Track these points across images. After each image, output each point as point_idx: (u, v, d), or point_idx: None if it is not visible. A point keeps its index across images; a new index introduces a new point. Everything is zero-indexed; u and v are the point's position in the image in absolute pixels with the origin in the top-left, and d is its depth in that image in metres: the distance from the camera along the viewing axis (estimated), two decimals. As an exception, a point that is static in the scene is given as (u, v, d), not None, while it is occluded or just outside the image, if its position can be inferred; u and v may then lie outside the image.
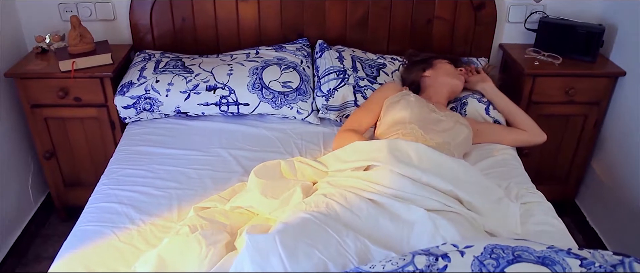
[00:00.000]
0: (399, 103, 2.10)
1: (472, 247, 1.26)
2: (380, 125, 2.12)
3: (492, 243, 1.27)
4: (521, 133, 2.27)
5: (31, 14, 2.68)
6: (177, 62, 2.50)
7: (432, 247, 1.32)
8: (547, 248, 1.26)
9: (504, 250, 1.24)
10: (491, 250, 1.24)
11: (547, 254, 1.23)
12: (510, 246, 1.26)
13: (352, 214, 1.57)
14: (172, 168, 2.09)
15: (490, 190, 1.79)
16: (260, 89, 2.36)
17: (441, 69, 2.36)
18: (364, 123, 2.16)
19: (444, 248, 1.29)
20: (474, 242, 1.29)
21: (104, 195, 1.94)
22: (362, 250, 1.44)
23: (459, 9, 2.69)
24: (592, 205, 2.81)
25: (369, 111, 2.18)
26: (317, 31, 2.74)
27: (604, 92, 2.56)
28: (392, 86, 2.28)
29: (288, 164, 1.89)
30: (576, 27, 2.55)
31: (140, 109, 2.37)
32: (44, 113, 2.49)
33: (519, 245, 1.27)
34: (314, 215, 1.52)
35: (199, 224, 1.63)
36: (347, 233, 1.47)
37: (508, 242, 1.29)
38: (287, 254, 1.36)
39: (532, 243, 1.30)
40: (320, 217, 1.52)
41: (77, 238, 1.73)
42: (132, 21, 2.67)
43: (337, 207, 1.58)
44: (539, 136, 2.26)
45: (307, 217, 1.51)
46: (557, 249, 1.26)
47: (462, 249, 1.26)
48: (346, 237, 1.46)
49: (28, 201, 2.75)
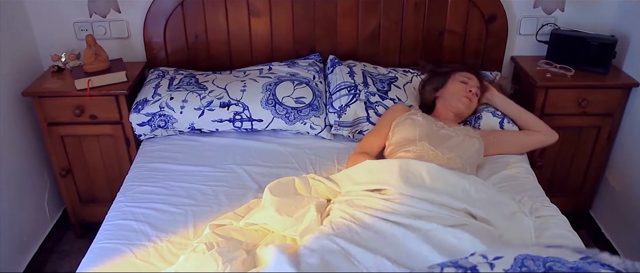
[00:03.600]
0: (406, 122, 2.14)
1: (502, 258, 1.23)
2: (389, 145, 2.15)
3: (522, 254, 1.22)
4: (536, 134, 2.29)
5: (47, 33, 2.72)
6: (190, 79, 2.53)
7: (461, 259, 1.30)
8: (580, 258, 1.23)
9: (535, 261, 1.21)
10: (521, 261, 1.20)
11: (580, 265, 1.20)
12: (541, 256, 1.22)
13: (374, 234, 1.59)
14: (187, 184, 2.10)
15: (503, 205, 1.79)
16: (273, 105, 2.37)
17: (449, 90, 2.36)
18: (375, 145, 2.21)
19: (473, 260, 1.26)
20: (504, 252, 1.25)
21: (120, 212, 1.96)
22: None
23: (470, 21, 2.70)
24: (607, 217, 2.79)
25: (378, 134, 2.24)
26: (329, 46, 2.76)
27: (617, 103, 2.56)
28: (399, 107, 2.33)
29: (302, 181, 1.90)
30: (588, 38, 2.55)
31: (155, 126, 2.40)
32: (60, 131, 2.52)
33: (550, 256, 1.23)
34: (336, 241, 1.55)
35: (215, 241, 1.64)
36: (374, 259, 1.49)
37: (539, 251, 1.25)
38: None
39: (564, 252, 1.25)
40: (342, 243, 1.55)
41: (94, 256, 1.75)
42: (146, 39, 2.70)
43: (358, 228, 1.61)
44: (552, 136, 2.28)
45: (332, 247, 1.54)
46: (590, 260, 1.22)
47: (491, 261, 1.23)
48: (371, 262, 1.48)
49: (44, 217, 2.78)
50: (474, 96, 2.33)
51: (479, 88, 2.37)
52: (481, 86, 2.39)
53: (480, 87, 2.39)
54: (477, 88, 2.35)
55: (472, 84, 2.35)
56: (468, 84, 2.34)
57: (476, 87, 2.35)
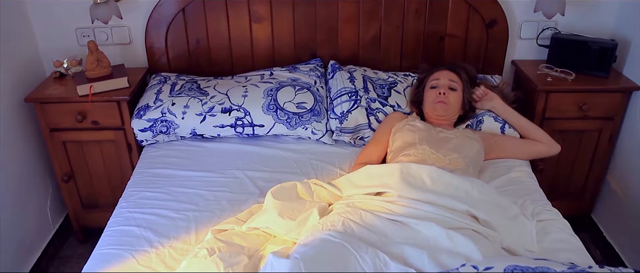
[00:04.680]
0: (405, 128, 2.16)
1: (492, 268, 1.26)
2: (390, 152, 2.15)
3: (512, 264, 1.26)
4: (538, 145, 2.29)
5: (49, 39, 2.73)
6: (192, 84, 2.54)
7: (453, 270, 1.33)
8: (568, 268, 1.26)
9: (524, 271, 1.24)
10: (511, 272, 1.24)
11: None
12: (531, 267, 1.25)
13: (369, 232, 1.59)
14: (189, 190, 2.11)
15: (505, 208, 1.80)
16: (275, 111, 2.38)
17: (425, 99, 2.33)
18: (374, 155, 2.21)
19: (464, 270, 1.29)
20: (494, 263, 1.29)
21: (122, 218, 1.96)
22: (380, 267, 1.45)
23: (471, 26, 2.71)
24: (608, 220, 2.79)
25: (377, 143, 2.24)
26: (330, 51, 2.76)
27: (617, 107, 2.56)
28: (396, 115, 2.35)
29: (304, 186, 1.91)
30: (588, 42, 2.56)
31: (157, 131, 2.40)
32: (62, 137, 2.53)
33: (539, 266, 1.26)
34: (331, 234, 1.55)
35: (217, 246, 1.64)
36: (366, 250, 1.49)
37: (528, 262, 1.28)
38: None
39: (552, 263, 1.29)
40: (338, 236, 1.54)
41: (96, 262, 1.75)
42: (148, 44, 2.71)
43: (354, 226, 1.61)
44: (554, 147, 2.28)
45: (326, 238, 1.54)
46: (578, 269, 1.25)
47: (482, 271, 1.26)
48: (365, 254, 1.48)
49: (47, 223, 2.78)
50: (446, 97, 2.25)
51: (453, 81, 2.29)
52: (460, 76, 2.31)
53: (460, 77, 2.31)
54: (447, 87, 2.27)
55: (441, 83, 2.28)
56: (437, 87, 2.28)
57: (446, 86, 2.27)
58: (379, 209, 1.70)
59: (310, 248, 1.50)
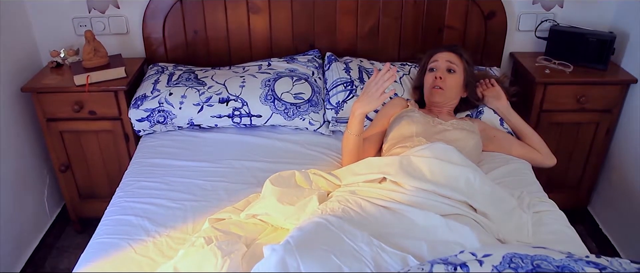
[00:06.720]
0: (402, 119, 2.14)
1: (491, 255, 1.26)
2: (386, 141, 2.15)
3: (510, 252, 1.26)
4: (535, 153, 2.27)
5: (46, 28, 2.72)
6: (190, 74, 2.53)
7: (451, 256, 1.32)
8: (566, 256, 1.26)
9: (523, 259, 1.24)
10: (510, 259, 1.24)
11: (567, 263, 1.22)
12: (529, 255, 1.25)
13: (367, 219, 1.59)
14: (186, 180, 2.11)
15: (503, 200, 1.79)
16: (272, 101, 2.38)
17: (425, 82, 2.32)
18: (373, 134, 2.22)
19: (463, 257, 1.29)
20: (493, 250, 1.29)
21: (119, 208, 1.96)
22: (377, 254, 1.45)
23: (470, 18, 2.70)
24: (604, 213, 2.80)
25: (376, 126, 2.25)
26: (328, 42, 2.76)
27: (615, 99, 2.56)
28: (397, 101, 2.34)
29: (303, 175, 1.91)
30: (587, 34, 2.56)
31: (154, 121, 2.40)
32: (59, 127, 2.52)
33: (537, 254, 1.26)
34: (329, 220, 1.54)
35: (214, 235, 1.64)
36: (362, 237, 1.48)
37: (527, 250, 1.28)
38: (304, 260, 1.37)
39: (550, 251, 1.29)
40: (335, 222, 1.53)
41: (94, 251, 1.75)
42: (145, 34, 2.70)
43: (352, 213, 1.61)
44: (550, 160, 2.27)
45: (322, 222, 1.53)
46: (576, 258, 1.25)
47: (480, 258, 1.26)
48: (361, 242, 1.47)
49: (44, 213, 2.78)
50: (443, 81, 2.22)
51: (451, 62, 2.25)
52: (461, 56, 2.29)
53: (461, 58, 2.29)
54: (445, 69, 2.25)
55: (439, 65, 2.26)
56: (434, 70, 2.27)
57: (444, 68, 2.25)
58: (378, 196, 1.70)
59: (305, 230, 1.50)
